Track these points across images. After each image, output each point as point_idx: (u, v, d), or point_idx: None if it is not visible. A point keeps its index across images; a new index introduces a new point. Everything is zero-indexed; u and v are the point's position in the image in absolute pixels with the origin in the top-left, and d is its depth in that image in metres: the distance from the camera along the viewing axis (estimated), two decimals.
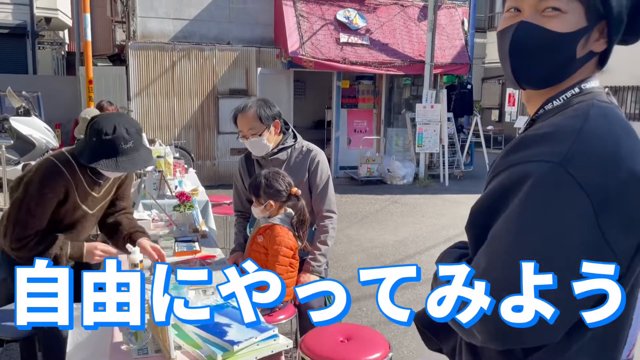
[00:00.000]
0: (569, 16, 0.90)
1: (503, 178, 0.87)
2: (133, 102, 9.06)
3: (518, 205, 0.82)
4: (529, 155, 0.84)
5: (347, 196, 8.69)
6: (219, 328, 1.73)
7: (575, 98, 0.93)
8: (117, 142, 2.07)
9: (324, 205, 2.85)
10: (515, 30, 0.94)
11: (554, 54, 0.92)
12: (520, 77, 0.96)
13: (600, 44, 0.94)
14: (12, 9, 10.92)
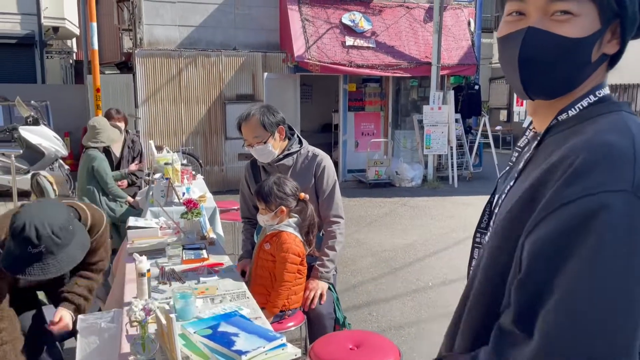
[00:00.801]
0: (581, 19, 0.83)
1: (565, 217, 0.74)
2: (141, 109, 9.10)
3: (597, 248, 0.71)
4: (591, 185, 0.74)
5: (355, 199, 8.66)
6: (227, 338, 1.72)
7: (595, 107, 0.87)
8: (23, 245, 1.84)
9: (331, 211, 2.83)
10: (524, 37, 0.86)
11: (568, 62, 0.85)
12: (531, 88, 0.89)
13: (612, 45, 0.88)
14: (20, 19, 11.01)
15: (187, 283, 2.42)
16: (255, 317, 2.04)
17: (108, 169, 4.86)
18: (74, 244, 1.93)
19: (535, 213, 0.79)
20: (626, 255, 0.70)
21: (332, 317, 2.71)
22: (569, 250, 0.73)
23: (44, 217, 1.84)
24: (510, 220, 0.85)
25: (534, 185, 0.82)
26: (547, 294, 0.74)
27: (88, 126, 4.81)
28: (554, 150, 0.84)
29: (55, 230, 1.82)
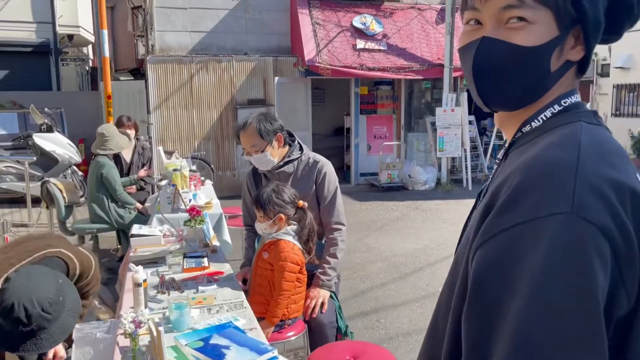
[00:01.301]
0: (537, 26, 0.79)
1: (500, 247, 0.70)
2: (153, 115, 9.16)
3: (537, 276, 0.65)
4: (529, 210, 0.69)
5: (367, 203, 8.60)
6: (217, 350, 1.69)
7: (557, 117, 0.82)
8: (14, 325, 1.78)
9: (333, 217, 2.79)
10: (477, 48, 0.82)
11: (525, 72, 0.81)
12: (489, 99, 0.85)
13: (577, 51, 0.83)
14: (36, 28, 11.18)
15: (185, 292, 2.40)
16: (251, 328, 2.01)
17: (117, 176, 4.89)
18: (65, 314, 1.90)
19: (477, 237, 0.75)
20: (570, 284, 0.65)
21: (334, 326, 2.66)
22: (506, 285, 0.68)
23: (32, 294, 1.80)
24: (465, 242, 0.81)
25: (486, 204, 0.78)
26: (493, 340, 0.68)
27: (97, 133, 4.84)
28: (512, 164, 0.79)
29: (45, 307, 1.79)
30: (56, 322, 1.83)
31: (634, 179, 0.75)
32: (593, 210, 0.67)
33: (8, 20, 10.87)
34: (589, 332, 0.64)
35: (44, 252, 2.14)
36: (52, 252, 2.18)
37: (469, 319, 0.73)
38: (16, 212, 7.61)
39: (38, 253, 2.12)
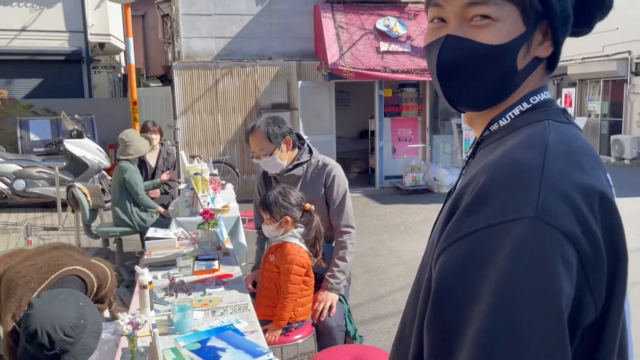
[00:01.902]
0: (502, 24, 0.75)
1: (463, 252, 0.67)
2: (179, 121, 9.31)
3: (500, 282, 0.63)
4: (491, 214, 0.66)
5: (391, 206, 8.54)
6: (213, 352, 1.70)
7: (525, 115, 0.79)
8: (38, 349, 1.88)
9: (342, 220, 2.78)
10: (441, 46, 0.79)
11: (490, 71, 0.78)
12: (455, 100, 0.82)
13: (545, 47, 0.80)
14: (68, 37, 11.51)
15: (193, 295, 2.43)
16: (252, 331, 2.02)
17: (139, 180, 4.98)
18: (86, 335, 1.97)
19: (440, 241, 0.72)
20: (532, 291, 0.62)
21: (342, 329, 2.65)
22: (468, 291, 0.65)
23: (54, 320, 1.89)
24: (430, 246, 0.79)
25: (450, 205, 0.75)
26: (455, 347, 0.66)
27: (119, 139, 4.95)
28: (477, 164, 0.76)
29: (67, 332, 1.87)
30: (78, 344, 1.91)
31: (602, 180, 0.72)
32: (558, 214, 0.65)
33: (42, 30, 11.23)
34: (552, 341, 0.62)
35: (60, 272, 2.19)
36: (69, 270, 2.24)
37: (431, 325, 0.71)
38: (48, 216, 7.85)
39: (54, 274, 2.18)
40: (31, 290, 2.14)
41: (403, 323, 0.89)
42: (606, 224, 0.69)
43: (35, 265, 2.19)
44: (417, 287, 0.84)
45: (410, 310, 0.85)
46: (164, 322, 2.12)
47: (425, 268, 0.79)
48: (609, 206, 0.70)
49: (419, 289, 0.81)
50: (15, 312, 2.09)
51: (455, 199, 0.75)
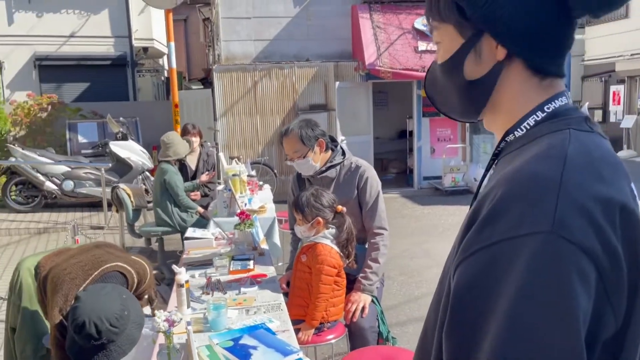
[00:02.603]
0: (444, 44, 0.85)
1: (479, 265, 0.68)
2: (219, 123, 9.50)
3: (514, 297, 0.63)
4: (508, 227, 0.66)
5: (429, 208, 8.46)
6: (245, 350, 1.75)
7: (544, 125, 0.78)
8: (86, 340, 1.97)
9: (375, 222, 2.79)
10: (427, 70, 0.95)
11: (446, 85, 0.87)
12: (447, 113, 0.93)
13: (499, 50, 0.79)
14: (114, 42, 11.92)
15: (228, 293, 2.49)
16: (284, 330, 2.06)
17: (179, 182, 5.12)
18: (130, 326, 2.08)
19: (458, 253, 0.73)
20: (548, 307, 0.62)
21: (375, 330, 2.66)
22: (485, 305, 0.66)
23: (100, 311, 2.00)
24: (451, 256, 0.80)
25: (469, 216, 0.76)
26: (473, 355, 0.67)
27: (160, 141, 5.10)
28: (497, 175, 0.77)
29: (113, 322, 1.97)
30: (123, 335, 2.00)
31: (625, 191, 0.71)
32: (575, 229, 0.64)
33: (89, 36, 11.67)
34: (567, 358, 0.62)
35: (103, 268, 2.30)
36: (111, 267, 2.34)
37: (448, 336, 0.72)
38: (94, 216, 8.15)
39: (97, 271, 2.29)
40: (76, 286, 2.25)
41: (425, 329, 0.90)
42: (628, 236, 0.67)
43: (79, 263, 2.30)
44: (438, 294, 0.84)
45: (432, 316, 0.86)
46: (200, 319, 2.19)
47: (446, 277, 0.80)
48: (631, 218, 0.69)
49: (440, 297, 0.81)
50: (62, 307, 2.21)
51: (475, 209, 0.75)
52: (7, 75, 11.28)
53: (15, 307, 2.63)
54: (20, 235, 7.18)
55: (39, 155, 8.21)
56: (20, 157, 7.94)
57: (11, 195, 8.16)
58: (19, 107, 10.36)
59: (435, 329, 0.81)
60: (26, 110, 10.35)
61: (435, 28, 0.85)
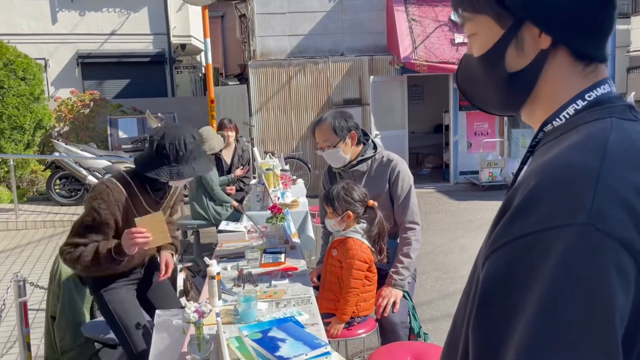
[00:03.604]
0: (481, 35, 0.81)
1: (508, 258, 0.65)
2: (254, 118, 9.59)
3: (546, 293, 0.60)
4: (541, 219, 0.62)
5: (465, 203, 8.32)
6: (273, 343, 1.76)
7: (585, 113, 0.75)
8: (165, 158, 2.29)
9: (406, 217, 2.76)
10: (460, 62, 0.90)
11: (486, 79, 0.83)
12: (483, 108, 0.89)
13: (544, 39, 0.76)
14: (152, 39, 12.17)
15: (259, 286, 2.51)
16: (313, 324, 2.07)
17: (215, 176, 5.19)
18: (199, 158, 2.40)
19: (488, 245, 0.70)
20: (582, 304, 0.59)
21: (406, 326, 2.64)
22: (514, 299, 0.63)
23: (181, 135, 2.32)
24: (483, 247, 0.77)
25: (501, 208, 0.72)
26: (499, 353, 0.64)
27: None
28: (521, 177, 0.73)
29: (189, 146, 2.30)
30: (194, 161, 2.35)
31: None
32: (613, 221, 0.60)
33: (129, 34, 11.96)
34: (600, 358, 0.59)
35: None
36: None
37: (475, 332, 0.69)
38: None
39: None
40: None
41: (454, 322, 0.87)
42: None
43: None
44: (468, 288, 0.82)
45: (462, 310, 0.83)
46: (231, 311, 2.21)
47: (476, 271, 0.77)
48: None
49: (469, 291, 0.79)
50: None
51: (507, 201, 0.72)
52: (51, 73, 11.68)
53: (55, 295, 2.73)
54: (63, 227, 7.43)
55: (82, 150, 8.46)
56: (64, 151, 8.21)
57: (55, 188, 8.44)
58: (62, 103, 10.71)
59: (464, 323, 0.78)
60: (70, 107, 10.69)
61: (468, 20, 0.82)
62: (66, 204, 8.43)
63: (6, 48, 8.94)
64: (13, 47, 9.15)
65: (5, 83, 8.69)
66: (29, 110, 9.00)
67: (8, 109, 8.68)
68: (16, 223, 7.39)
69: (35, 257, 6.00)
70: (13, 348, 3.26)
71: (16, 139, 8.91)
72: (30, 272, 5.47)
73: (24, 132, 8.99)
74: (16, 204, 7.59)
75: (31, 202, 8.70)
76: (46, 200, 8.65)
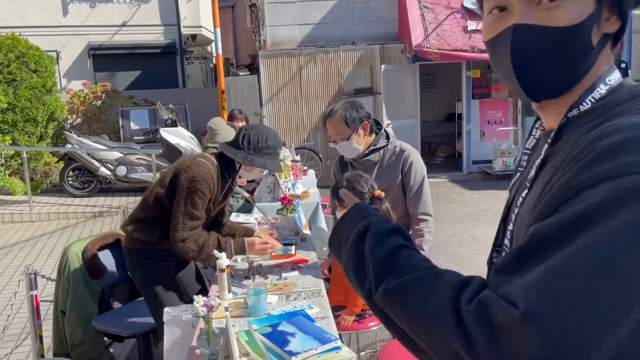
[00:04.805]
0: (572, 3, 0.72)
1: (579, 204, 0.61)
2: (265, 108, 9.55)
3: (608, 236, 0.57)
4: (619, 166, 0.60)
5: (478, 192, 8.23)
6: (283, 337, 1.73)
7: (612, 97, 0.74)
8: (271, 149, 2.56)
9: (419, 208, 2.71)
10: (512, 38, 0.75)
11: (568, 55, 0.74)
12: (535, 91, 0.78)
13: (612, 23, 0.75)
14: (163, 30, 12.16)
15: (269, 278, 2.49)
16: (323, 317, 2.04)
17: None
18: (275, 154, 2.60)
19: (541, 205, 0.66)
20: None
21: None
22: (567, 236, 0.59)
23: (266, 133, 2.57)
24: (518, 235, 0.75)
25: (544, 184, 0.70)
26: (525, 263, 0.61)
27: (207, 127, 5.16)
28: (574, 146, 0.69)
29: (271, 141, 2.54)
30: (267, 157, 2.54)
31: None
32: None
33: (140, 25, 11.95)
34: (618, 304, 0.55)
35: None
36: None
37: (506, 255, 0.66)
38: None
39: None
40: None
41: None
42: None
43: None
44: None
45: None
46: (241, 304, 2.19)
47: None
48: None
49: None
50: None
51: (552, 176, 0.69)
52: (63, 65, 11.72)
53: (64, 290, 2.73)
54: (77, 219, 7.49)
55: (94, 142, 8.50)
56: (76, 143, 8.25)
57: (68, 180, 8.50)
58: (75, 95, 10.76)
59: None
60: (82, 99, 10.73)
61: None
62: (79, 195, 8.49)
63: (18, 40, 8.98)
64: (25, 40, 9.19)
65: (18, 75, 8.73)
66: (42, 102, 9.04)
67: (21, 101, 8.74)
68: (30, 215, 7.46)
69: (49, 249, 6.05)
70: (27, 340, 3.28)
71: (29, 131, 8.98)
72: (44, 264, 5.51)
73: (36, 124, 9.05)
74: (30, 196, 7.66)
75: (45, 194, 8.78)
76: (59, 192, 8.72)
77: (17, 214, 7.47)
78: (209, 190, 2.42)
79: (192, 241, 2.39)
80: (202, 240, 2.40)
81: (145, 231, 2.50)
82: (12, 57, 8.74)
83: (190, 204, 2.38)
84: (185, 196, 2.38)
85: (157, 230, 2.50)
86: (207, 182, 2.40)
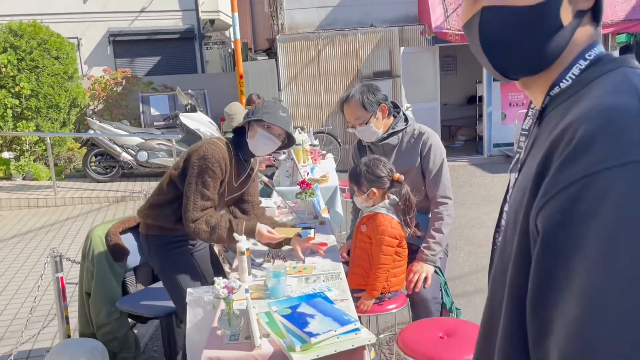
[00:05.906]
0: None
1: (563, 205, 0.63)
2: (283, 93, 9.54)
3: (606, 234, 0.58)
4: (594, 162, 0.61)
5: (499, 176, 8.14)
6: (302, 318, 1.75)
7: (589, 71, 0.75)
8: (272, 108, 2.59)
9: (438, 191, 2.69)
10: (479, 21, 0.78)
11: (535, 34, 0.76)
12: (507, 70, 0.81)
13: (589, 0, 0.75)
14: (182, 16, 12.17)
15: (289, 262, 2.51)
16: (342, 299, 2.05)
17: None
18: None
19: (537, 199, 0.68)
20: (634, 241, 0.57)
21: (438, 301, 2.60)
22: (575, 246, 0.61)
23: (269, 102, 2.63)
24: (513, 219, 0.74)
25: (538, 170, 0.70)
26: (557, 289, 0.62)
27: (224, 113, 5.18)
28: (556, 125, 0.70)
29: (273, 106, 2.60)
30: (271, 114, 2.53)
31: None
32: None
33: (158, 10, 11.98)
34: None
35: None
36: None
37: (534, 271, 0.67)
38: None
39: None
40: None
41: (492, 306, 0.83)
42: None
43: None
44: (501, 264, 0.79)
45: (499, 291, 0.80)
46: (261, 286, 2.21)
47: (511, 242, 0.75)
48: None
49: (505, 264, 0.77)
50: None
51: (544, 160, 0.70)
52: (84, 51, 11.84)
53: (89, 273, 2.79)
54: (100, 204, 7.62)
55: (115, 127, 8.60)
56: (98, 129, 8.36)
57: (91, 165, 8.64)
58: (96, 81, 10.87)
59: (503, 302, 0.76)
60: (103, 85, 10.85)
61: None
62: (102, 180, 8.62)
63: (39, 27, 9.08)
64: (46, 27, 9.29)
65: (40, 62, 8.85)
66: (64, 89, 9.16)
67: (43, 88, 8.86)
68: (55, 199, 7.61)
69: (74, 233, 6.18)
70: (53, 321, 3.37)
71: (52, 118, 9.12)
72: (69, 247, 5.64)
73: (59, 110, 9.18)
74: (54, 181, 7.81)
75: (69, 179, 8.94)
76: (83, 177, 8.87)
77: (42, 198, 7.63)
78: (219, 169, 2.39)
79: (204, 222, 2.37)
80: (214, 222, 2.38)
81: (161, 216, 2.50)
82: (34, 44, 8.85)
83: (201, 182, 2.37)
84: (197, 174, 2.37)
85: (173, 214, 2.49)
86: (218, 161, 2.37)
